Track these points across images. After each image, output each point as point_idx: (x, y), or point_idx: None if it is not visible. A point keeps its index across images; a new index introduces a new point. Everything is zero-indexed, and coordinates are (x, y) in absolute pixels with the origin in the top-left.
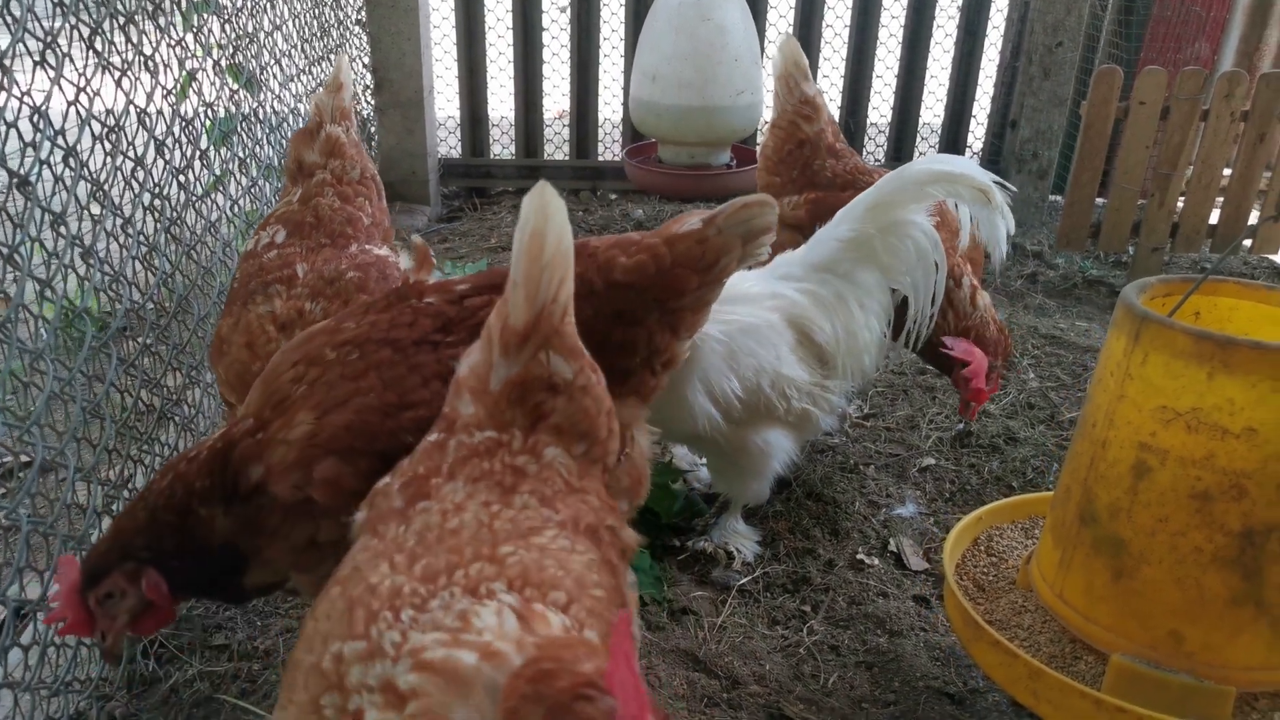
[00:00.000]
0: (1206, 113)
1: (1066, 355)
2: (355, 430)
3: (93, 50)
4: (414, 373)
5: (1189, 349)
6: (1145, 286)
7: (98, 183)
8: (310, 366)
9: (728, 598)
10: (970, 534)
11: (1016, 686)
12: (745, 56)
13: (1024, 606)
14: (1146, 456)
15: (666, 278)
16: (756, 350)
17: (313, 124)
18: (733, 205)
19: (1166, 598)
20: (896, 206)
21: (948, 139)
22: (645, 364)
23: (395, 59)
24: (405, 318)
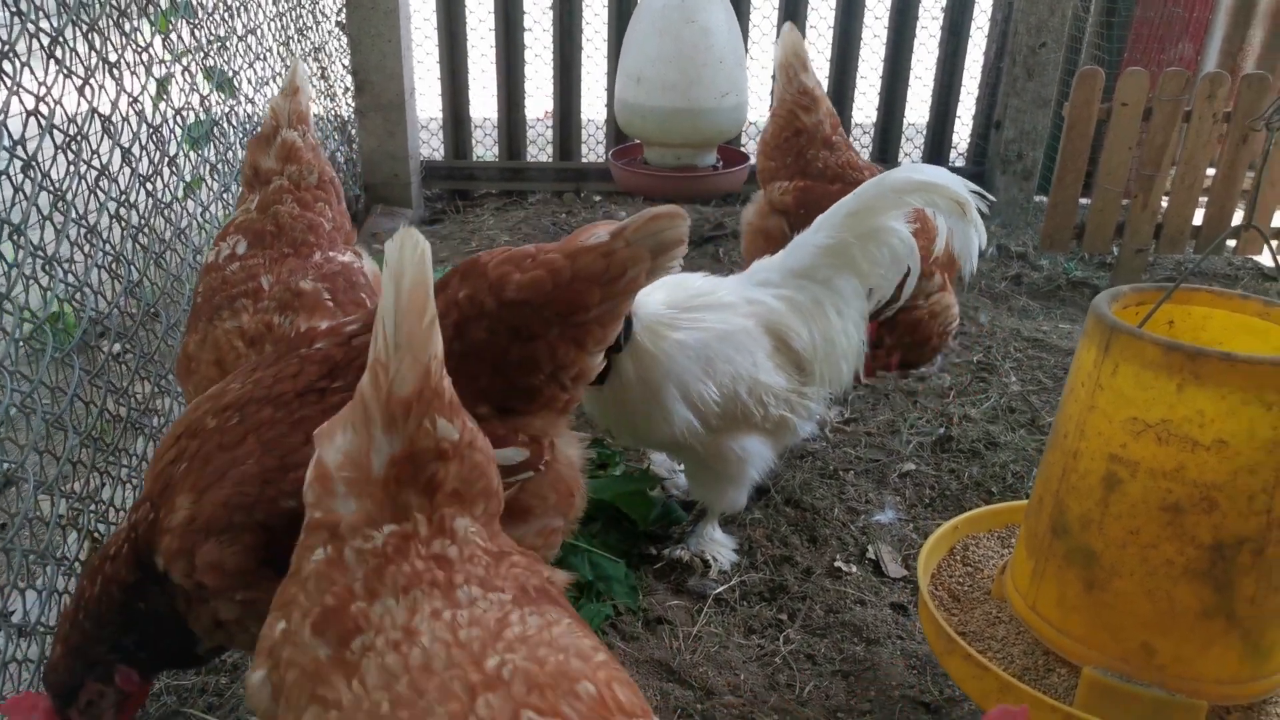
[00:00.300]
0: (1189, 113)
1: (1048, 358)
2: (233, 506)
3: (53, 59)
4: (296, 430)
5: (1159, 360)
6: (1118, 295)
7: (60, 193)
8: (191, 439)
9: (704, 607)
10: (946, 543)
11: (988, 700)
12: (730, 58)
13: (998, 617)
14: (1117, 468)
15: (566, 293)
16: (733, 357)
17: (268, 129)
18: (642, 217)
19: (1138, 610)
20: (876, 214)
21: (933, 139)
22: (552, 379)
23: (376, 61)
24: (291, 369)
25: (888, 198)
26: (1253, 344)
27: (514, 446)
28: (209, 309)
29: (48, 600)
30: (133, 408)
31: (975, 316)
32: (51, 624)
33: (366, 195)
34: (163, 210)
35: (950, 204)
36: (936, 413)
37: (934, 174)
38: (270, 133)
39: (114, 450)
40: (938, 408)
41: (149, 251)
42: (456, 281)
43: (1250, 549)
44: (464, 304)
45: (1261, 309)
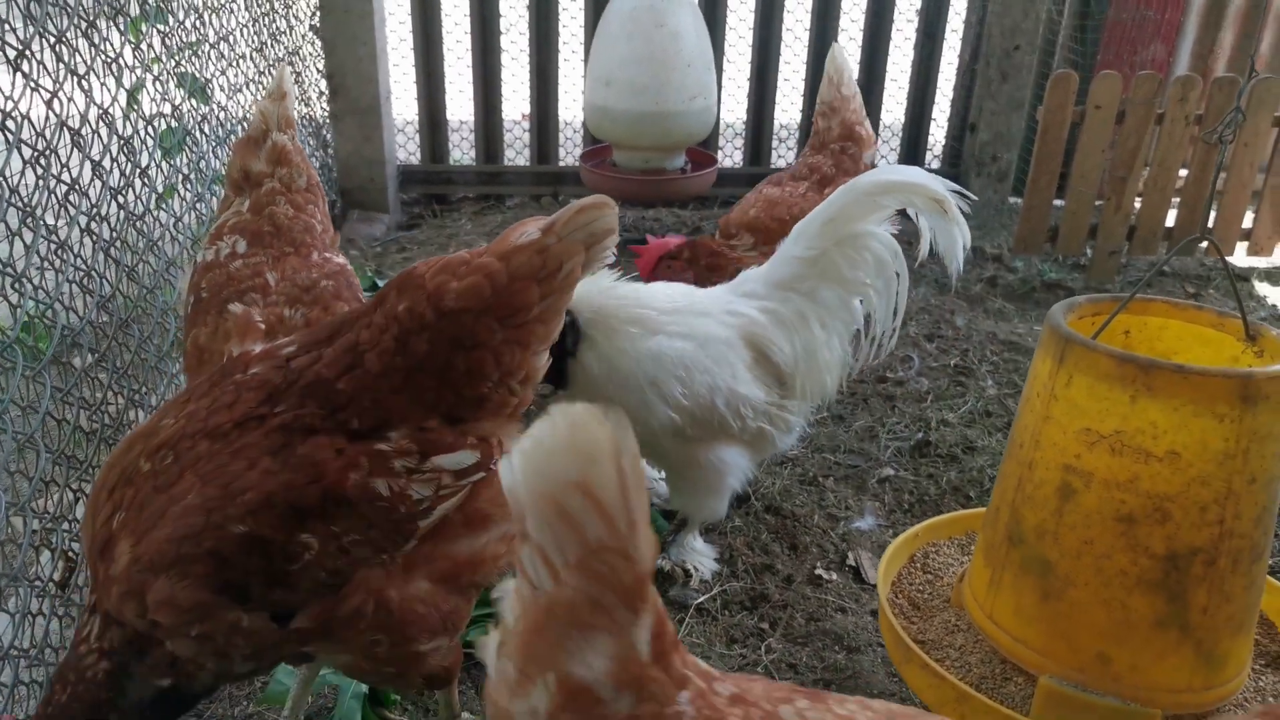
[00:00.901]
0: (1162, 116)
1: (1024, 361)
2: (178, 539)
3: (20, 72)
4: (238, 458)
5: (1112, 371)
6: (1073, 306)
7: (29, 209)
8: (126, 489)
9: (685, 617)
10: (907, 550)
11: (945, 709)
12: (698, 62)
13: (957, 626)
14: (1072, 479)
15: (505, 296)
16: (711, 368)
17: (257, 132)
18: (570, 210)
19: (1093, 620)
20: (852, 220)
21: (908, 141)
22: (500, 384)
23: (351, 64)
24: (226, 398)
25: (862, 202)
26: (1207, 354)
27: (463, 449)
28: (217, 303)
29: (20, 623)
30: (105, 424)
31: (951, 319)
32: (25, 647)
33: (343, 200)
34: (134, 222)
35: (928, 203)
36: (914, 417)
37: (909, 174)
38: (259, 136)
39: (88, 467)
40: (915, 412)
41: (121, 265)
42: (394, 295)
43: (1203, 559)
44: (404, 317)
45: (1216, 320)
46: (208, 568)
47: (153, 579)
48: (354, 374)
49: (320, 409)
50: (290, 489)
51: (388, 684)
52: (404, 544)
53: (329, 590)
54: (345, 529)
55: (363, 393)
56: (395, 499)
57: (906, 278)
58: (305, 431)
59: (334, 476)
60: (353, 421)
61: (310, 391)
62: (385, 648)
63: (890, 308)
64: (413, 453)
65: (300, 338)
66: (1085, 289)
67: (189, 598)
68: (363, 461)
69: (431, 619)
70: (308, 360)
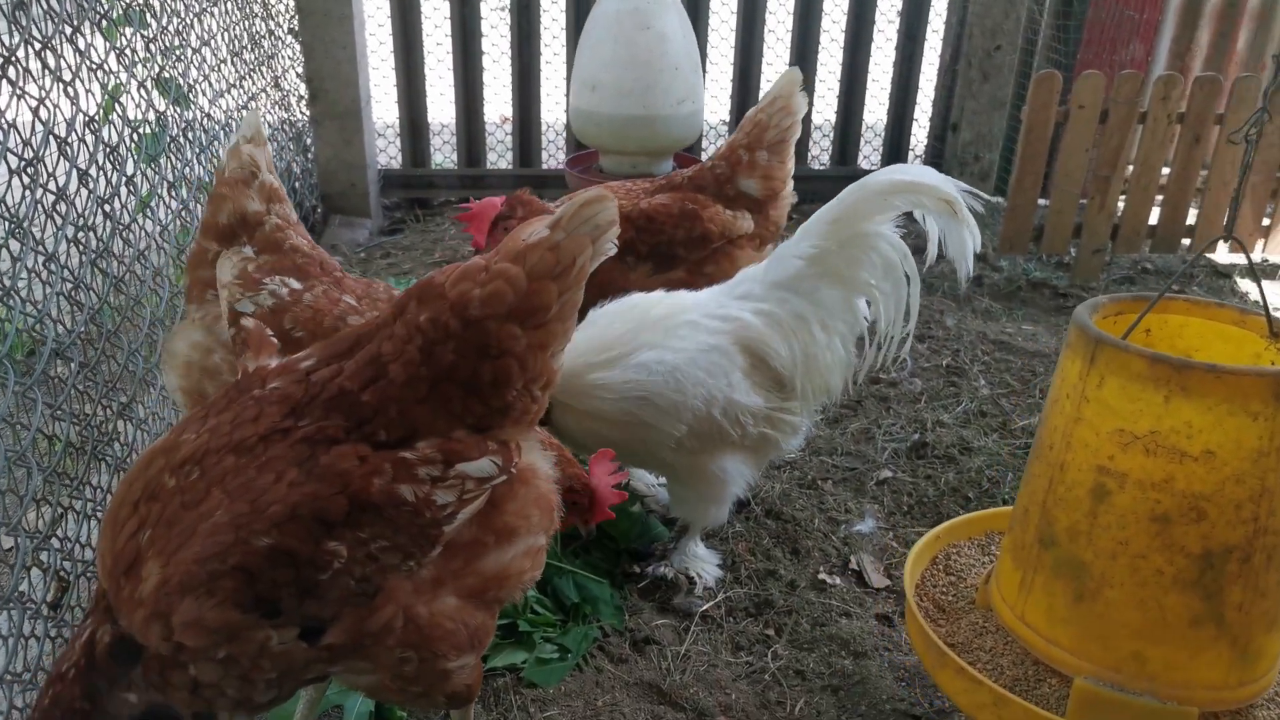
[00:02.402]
0: (1144, 115)
1: (1015, 360)
2: (205, 558)
3: (6, 80)
4: (265, 471)
5: (1145, 372)
6: (1096, 306)
7: (16, 219)
8: (151, 504)
9: (690, 625)
10: (929, 553)
11: (982, 713)
12: (685, 64)
13: (985, 628)
14: (1105, 479)
15: (526, 298)
16: (704, 380)
17: (245, 174)
18: (574, 205)
19: (1128, 620)
20: (859, 219)
21: (891, 142)
22: (524, 391)
23: (330, 68)
24: (249, 413)
25: (871, 201)
26: (1228, 351)
27: (487, 457)
28: (324, 331)
29: (15, 647)
30: (95, 438)
31: (941, 320)
32: (18, 671)
33: (324, 205)
34: (121, 232)
35: (938, 204)
36: (909, 419)
37: (919, 173)
38: (247, 178)
39: (79, 484)
40: (910, 414)
41: (109, 276)
42: (414, 305)
43: (1238, 557)
44: (427, 328)
45: (1237, 317)
46: (236, 583)
47: (179, 601)
48: (378, 385)
49: (345, 421)
50: (315, 499)
51: (412, 704)
52: (430, 550)
53: (359, 600)
54: (372, 535)
55: (389, 404)
56: (420, 504)
57: (918, 280)
58: (329, 443)
59: (358, 483)
60: (380, 434)
61: (334, 404)
62: (414, 665)
63: (900, 311)
64: (437, 461)
65: (317, 351)
66: (1070, 288)
67: (216, 618)
68: (386, 468)
69: (460, 635)
70: (329, 373)
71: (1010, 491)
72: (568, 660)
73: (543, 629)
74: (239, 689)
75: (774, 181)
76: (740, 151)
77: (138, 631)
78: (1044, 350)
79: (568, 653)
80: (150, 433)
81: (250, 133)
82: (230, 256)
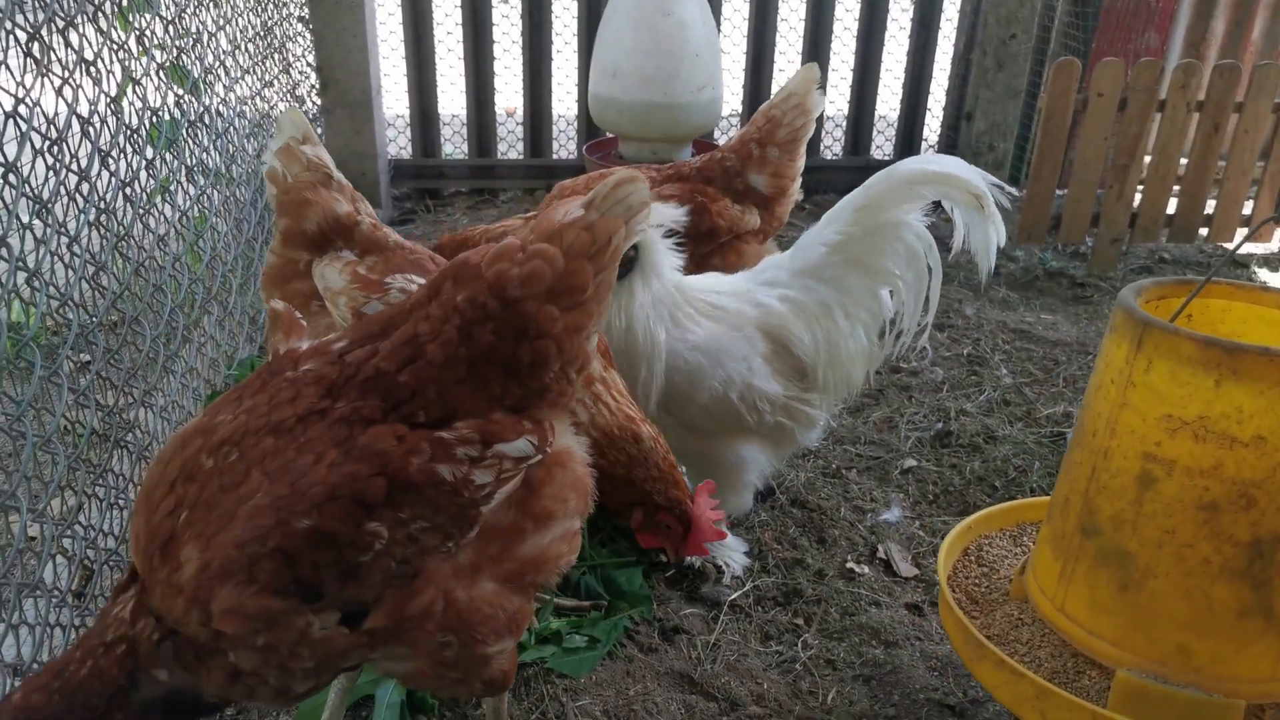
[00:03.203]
0: (1162, 103)
1: (1036, 349)
2: (245, 541)
3: (31, 58)
4: (304, 453)
5: (1196, 356)
6: (1140, 289)
7: (40, 199)
8: (188, 484)
9: (719, 614)
10: (960, 543)
11: (1023, 706)
12: (705, 51)
13: (1020, 619)
14: (1152, 467)
15: (564, 278)
16: (724, 362)
17: (319, 177)
18: (607, 185)
19: (1174, 611)
20: (886, 208)
21: (904, 132)
22: (561, 374)
23: (340, 57)
24: (285, 394)
25: (899, 190)
26: (1271, 336)
27: (524, 437)
28: None
29: (41, 636)
30: (117, 424)
31: (960, 309)
32: (44, 660)
33: None
34: (142, 217)
35: (966, 197)
36: (932, 408)
37: (949, 164)
38: (324, 179)
39: (102, 471)
40: (933, 402)
41: (130, 261)
42: (450, 285)
43: None
44: (464, 308)
45: None
46: (276, 565)
47: (219, 586)
48: (415, 366)
49: (383, 403)
50: (355, 479)
51: (448, 691)
52: (469, 530)
53: (400, 583)
54: (412, 515)
55: (427, 384)
56: (459, 484)
57: (940, 272)
58: (367, 423)
59: (397, 463)
60: (419, 415)
61: (371, 385)
62: (454, 650)
63: (920, 302)
64: (475, 441)
65: (350, 332)
66: (1088, 277)
67: (256, 604)
68: (424, 447)
69: (498, 619)
70: (364, 354)
71: (1038, 481)
72: (597, 649)
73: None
74: (279, 677)
75: (783, 180)
76: (751, 146)
77: (176, 618)
78: (1065, 339)
79: (596, 641)
80: (171, 420)
81: (299, 132)
82: (331, 263)
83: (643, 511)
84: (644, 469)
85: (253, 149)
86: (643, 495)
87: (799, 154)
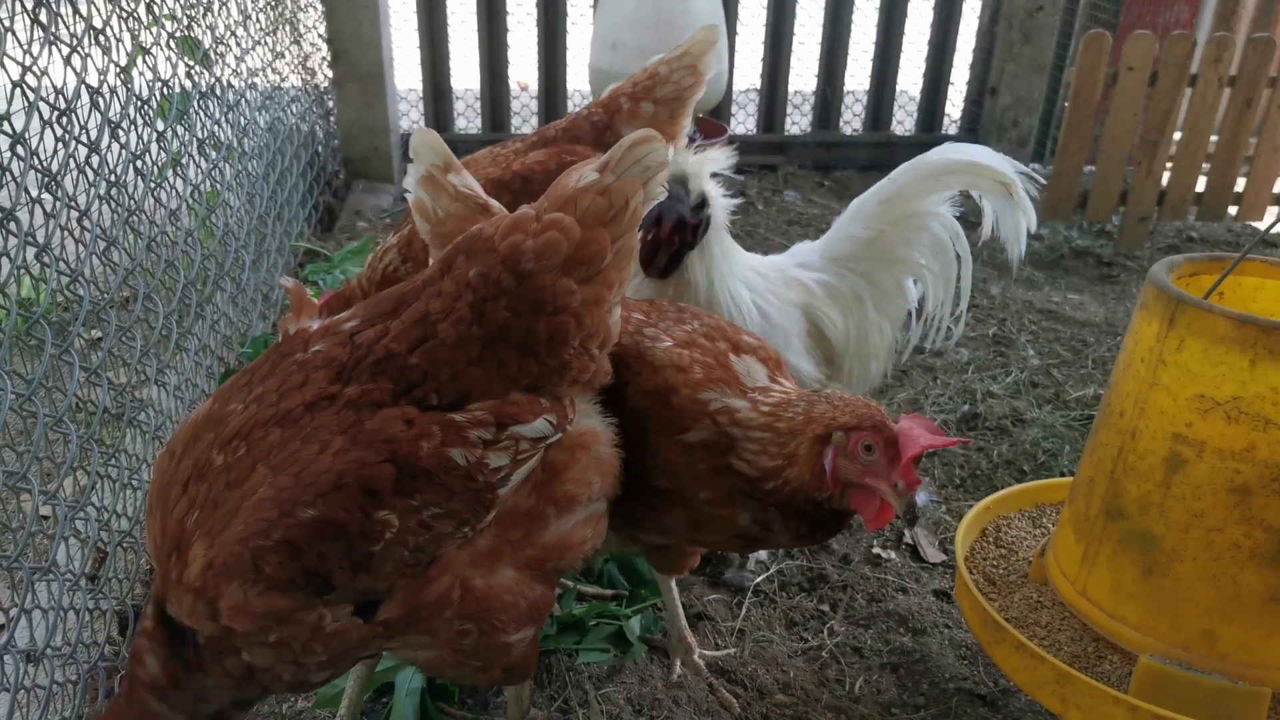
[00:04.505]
0: (1194, 78)
1: (1064, 330)
2: (249, 536)
3: (38, 24)
4: (310, 442)
5: (1230, 334)
6: (1172, 266)
7: (49, 172)
8: (200, 483)
9: (743, 600)
10: (978, 525)
11: (1042, 691)
12: (710, 22)
13: (1039, 602)
14: (1181, 448)
15: (581, 246)
16: (775, 333)
17: (474, 208)
18: (623, 146)
19: (1200, 596)
20: (912, 199)
21: (926, 107)
22: (581, 350)
23: (352, 29)
24: (294, 379)
25: (925, 181)
26: None
27: (542, 417)
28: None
29: (55, 622)
30: (130, 403)
31: (985, 288)
32: (58, 645)
33: (346, 171)
34: (153, 190)
35: (995, 185)
36: (958, 389)
37: (976, 153)
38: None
39: (115, 451)
40: (958, 384)
41: (141, 236)
42: (462, 259)
43: None
44: (477, 283)
45: None
46: (281, 559)
47: (225, 583)
48: (427, 346)
49: (394, 385)
50: (362, 467)
51: (469, 680)
52: (485, 515)
53: (413, 571)
54: (424, 502)
55: (440, 366)
56: (473, 468)
57: (969, 261)
58: (376, 407)
59: (406, 448)
60: (432, 398)
61: (381, 368)
62: (474, 638)
63: (949, 292)
64: (489, 423)
65: (360, 311)
66: (1115, 256)
67: (263, 601)
68: (434, 431)
69: (519, 607)
70: (374, 334)
71: (1068, 465)
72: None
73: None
74: (294, 673)
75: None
76: (622, 100)
77: (187, 618)
78: (1093, 320)
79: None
80: (185, 400)
81: (440, 158)
82: None
83: (834, 452)
84: None
85: (264, 122)
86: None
87: (682, 115)
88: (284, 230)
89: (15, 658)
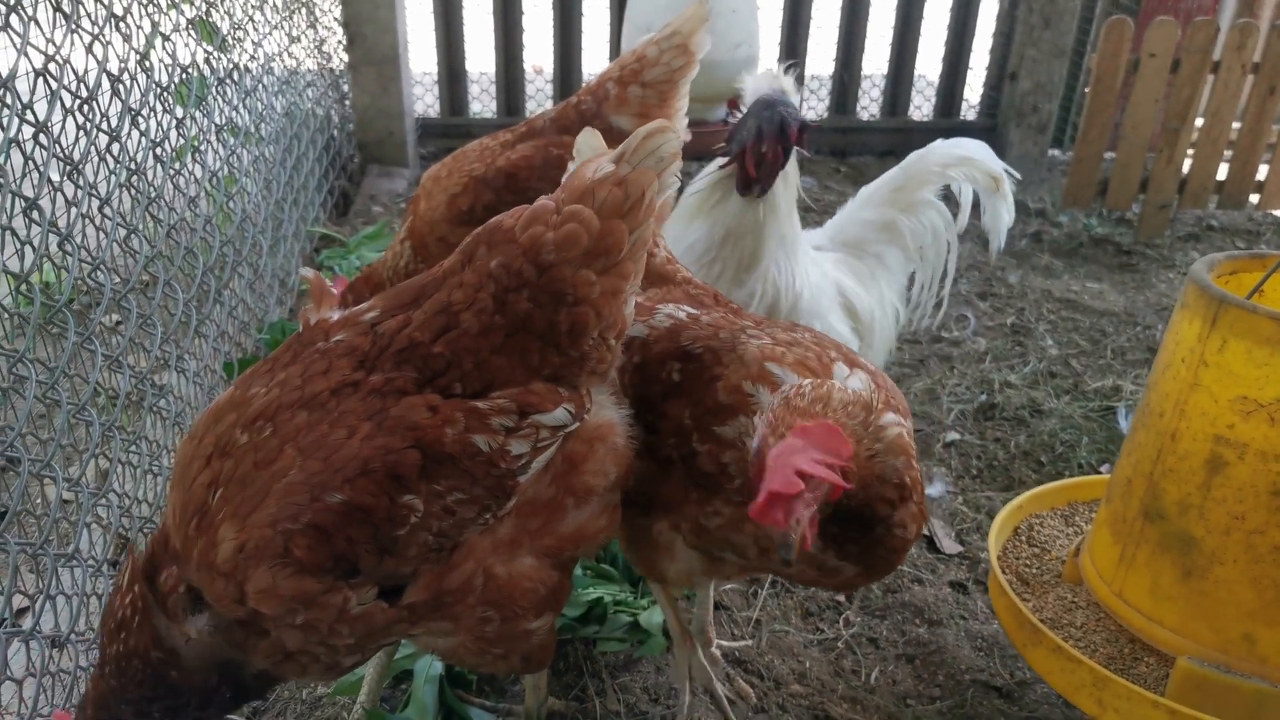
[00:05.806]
0: (1217, 65)
1: (1083, 320)
2: (279, 520)
3: (60, 13)
4: (338, 426)
5: (1275, 335)
6: (1213, 264)
7: (71, 160)
8: (224, 459)
9: (759, 589)
10: (1011, 523)
11: (1079, 694)
12: (743, 7)
13: (1074, 603)
14: (1223, 450)
15: (600, 238)
16: (816, 306)
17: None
18: (636, 137)
19: (1241, 599)
20: (919, 188)
21: (944, 92)
22: (600, 340)
23: (368, 12)
24: (318, 366)
25: (932, 171)
26: None
27: (561, 406)
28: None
29: (79, 607)
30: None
31: (1003, 277)
32: (81, 630)
33: (361, 155)
34: (172, 177)
35: (986, 178)
36: (975, 379)
37: (975, 149)
38: None
39: (135, 438)
40: (976, 374)
41: (161, 223)
42: (483, 250)
43: None
44: (499, 274)
45: None
46: (310, 542)
47: (254, 567)
48: (450, 336)
49: (418, 375)
50: (388, 452)
51: (489, 667)
52: (506, 501)
53: (438, 556)
54: (448, 487)
55: (463, 355)
56: (495, 454)
57: (956, 247)
58: (401, 395)
59: (431, 435)
60: (455, 387)
61: (405, 356)
62: (496, 625)
63: (937, 275)
64: (511, 411)
65: (381, 301)
66: (1135, 244)
67: (291, 585)
68: (458, 418)
69: (538, 594)
70: (396, 324)
71: (1086, 456)
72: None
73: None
74: (327, 654)
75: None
76: (609, 85)
77: (213, 597)
78: (1113, 309)
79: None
80: (204, 386)
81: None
82: None
83: None
84: None
85: (280, 107)
86: None
87: (674, 97)
88: (300, 215)
89: (40, 642)
